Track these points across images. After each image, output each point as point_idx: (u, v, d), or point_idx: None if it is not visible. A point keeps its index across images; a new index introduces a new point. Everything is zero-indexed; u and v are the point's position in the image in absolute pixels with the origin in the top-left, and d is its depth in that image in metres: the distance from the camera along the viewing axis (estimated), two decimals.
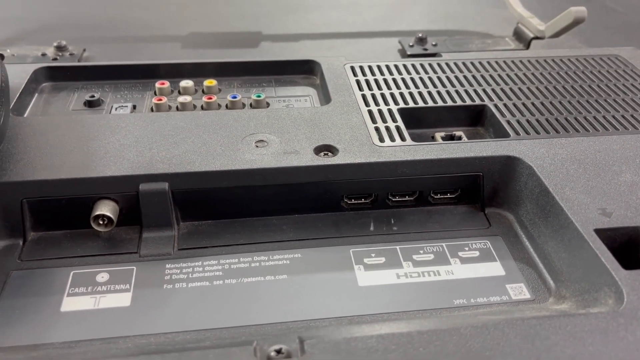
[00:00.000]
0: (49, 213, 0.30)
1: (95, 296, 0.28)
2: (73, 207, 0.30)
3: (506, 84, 0.41)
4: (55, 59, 0.49)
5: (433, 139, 0.37)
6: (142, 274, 0.29)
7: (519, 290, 0.29)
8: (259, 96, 0.39)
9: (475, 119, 0.39)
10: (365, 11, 0.67)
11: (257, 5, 0.68)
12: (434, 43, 0.54)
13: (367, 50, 0.57)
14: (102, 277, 0.29)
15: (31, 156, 0.31)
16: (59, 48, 0.50)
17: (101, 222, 0.30)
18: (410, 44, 0.54)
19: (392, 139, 0.34)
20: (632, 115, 0.38)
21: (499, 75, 0.42)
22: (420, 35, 0.54)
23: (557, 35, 0.50)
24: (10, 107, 0.36)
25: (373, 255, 0.31)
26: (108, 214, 0.30)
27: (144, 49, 0.57)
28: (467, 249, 0.31)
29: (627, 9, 0.69)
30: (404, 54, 0.54)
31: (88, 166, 0.31)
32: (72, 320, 0.26)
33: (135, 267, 0.29)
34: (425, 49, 0.53)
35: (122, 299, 0.28)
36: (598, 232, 0.28)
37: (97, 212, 0.30)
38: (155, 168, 0.31)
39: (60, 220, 0.31)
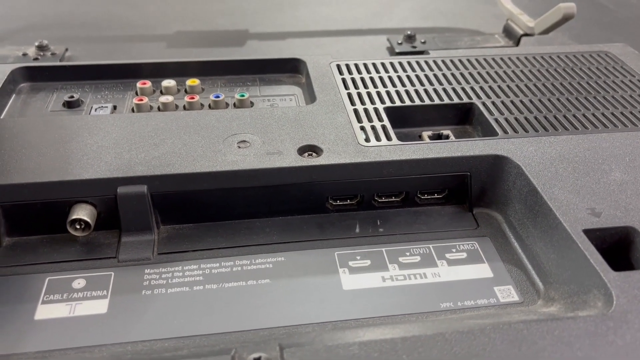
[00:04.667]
0: (24, 218, 0.30)
1: (70, 303, 0.27)
2: (49, 211, 0.29)
3: (495, 81, 0.40)
4: (36, 59, 0.48)
5: (420, 138, 0.36)
6: (120, 280, 0.28)
7: (507, 293, 0.28)
8: (242, 95, 0.38)
9: (463, 117, 0.38)
10: (355, 8, 0.66)
11: (246, 2, 0.68)
12: (422, 40, 0.53)
13: (356, 48, 0.57)
14: (79, 283, 0.28)
15: (5, 159, 0.30)
16: (41, 48, 0.49)
17: (78, 227, 0.29)
18: (399, 42, 0.53)
19: (377, 138, 0.33)
20: (621, 113, 0.37)
21: (488, 73, 0.41)
22: (408, 32, 0.53)
23: (546, 31, 0.50)
24: None
25: (358, 257, 0.30)
26: (85, 218, 0.29)
27: (129, 48, 0.56)
28: (454, 250, 0.31)
29: (618, 6, 0.69)
30: (392, 51, 0.53)
31: (64, 169, 0.30)
32: (46, 328, 0.26)
33: (113, 273, 0.28)
34: (414, 47, 0.52)
35: (98, 306, 0.27)
36: (587, 232, 0.27)
37: (74, 217, 0.29)
38: (133, 170, 0.30)
39: (36, 225, 0.30)
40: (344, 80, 0.40)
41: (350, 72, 0.41)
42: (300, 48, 0.57)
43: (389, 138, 0.34)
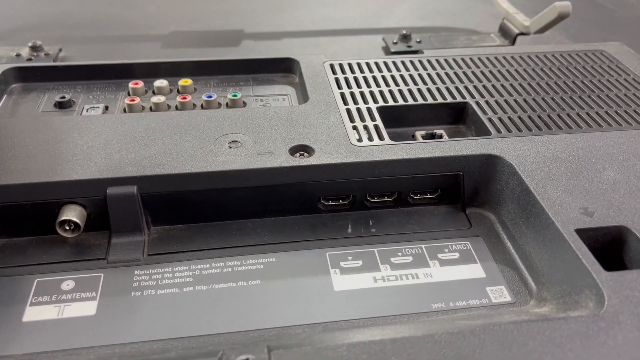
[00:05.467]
0: (13, 219, 0.29)
1: (59, 305, 0.27)
2: (38, 212, 0.29)
3: (489, 80, 0.40)
4: (29, 60, 0.48)
5: (413, 137, 0.36)
6: (110, 281, 0.28)
7: (500, 293, 0.28)
8: (235, 95, 0.38)
9: (457, 117, 0.38)
10: (353, 8, 0.66)
11: (243, 3, 0.67)
12: (418, 40, 0.53)
13: (352, 47, 0.56)
14: (68, 285, 0.28)
15: None
16: (34, 48, 0.49)
17: (67, 228, 0.29)
18: (394, 41, 0.53)
19: (370, 138, 0.33)
20: (616, 112, 0.37)
21: (482, 72, 0.41)
22: (404, 32, 0.53)
23: (542, 30, 0.50)
24: None
25: (350, 258, 0.30)
26: (74, 219, 0.29)
27: (123, 48, 0.56)
28: (446, 250, 0.30)
29: (615, 5, 0.69)
30: (387, 51, 0.53)
31: (54, 170, 0.30)
32: (34, 331, 0.25)
33: (102, 274, 0.28)
34: (409, 46, 0.52)
35: (87, 308, 0.27)
36: (579, 232, 0.27)
37: (63, 218, 0.29)
38: (123, 171, 0.30)
39: (25, 226, 0.30)
40: (337, 80, 0.39)
41: (343, 72, 0.40)
42: (297, 48, 0.56)
43: (381, 138, 0.33)
